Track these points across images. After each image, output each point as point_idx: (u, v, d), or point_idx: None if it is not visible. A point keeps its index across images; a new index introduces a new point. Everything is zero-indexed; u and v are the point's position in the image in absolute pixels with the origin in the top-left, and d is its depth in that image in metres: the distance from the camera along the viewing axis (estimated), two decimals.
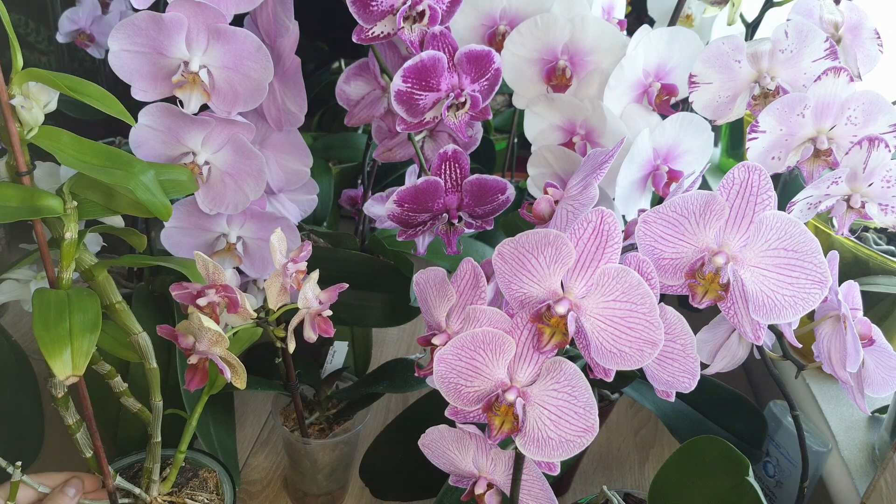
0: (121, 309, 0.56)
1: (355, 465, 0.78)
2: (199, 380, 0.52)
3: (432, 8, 0.60)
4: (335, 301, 0.56)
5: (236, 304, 0.53)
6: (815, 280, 0.44)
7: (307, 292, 0.54)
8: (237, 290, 0.53)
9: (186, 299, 0.52)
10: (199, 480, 0.66)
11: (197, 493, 0.65)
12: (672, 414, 0.74)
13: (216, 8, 0.58)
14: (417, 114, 0.63)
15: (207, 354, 0.51)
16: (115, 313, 0.56)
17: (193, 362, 0.51)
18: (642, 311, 0.43)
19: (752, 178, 0.45)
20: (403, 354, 1.07)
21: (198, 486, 0.66)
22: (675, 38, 0.68)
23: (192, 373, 0.52)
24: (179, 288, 0.53)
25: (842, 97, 0.58)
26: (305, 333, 0.55)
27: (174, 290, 0.53)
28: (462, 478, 0.54)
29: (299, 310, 0.54)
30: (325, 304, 0.55)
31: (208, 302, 0.52)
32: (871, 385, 0.53)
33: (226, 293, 0.52)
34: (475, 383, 0.46)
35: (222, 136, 0.64)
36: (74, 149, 0.48)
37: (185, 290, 0.53)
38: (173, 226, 0.69)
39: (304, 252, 0.55)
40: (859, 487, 0.68)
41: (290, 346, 0.56)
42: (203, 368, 0.52)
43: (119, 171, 0.49)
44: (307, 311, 0.54)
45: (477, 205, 0.65)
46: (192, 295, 0.52)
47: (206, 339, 0.51)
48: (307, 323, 0.55)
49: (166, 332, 0.52)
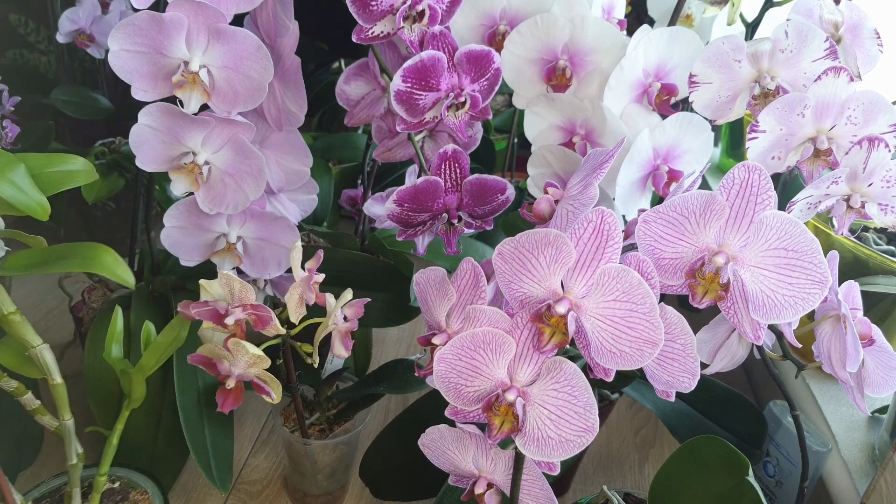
0: (14, 320, 0.49)
1: (355, 465, 0.78)
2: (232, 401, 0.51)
3: (432, 8, 0.60)
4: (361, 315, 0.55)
5: (266, 322, 0.51)
6: (815, 280, 0.44)
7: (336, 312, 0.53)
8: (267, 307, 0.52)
9: (212, 318, 0.50)
10: (126, 501, 0.60)
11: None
12: (672, 414, 0.74)
13: (216, 8, 0.58)
14: (417, 114, 0.63)
15: (245, 377, 0.50)
16: (10, 325, 0.50)
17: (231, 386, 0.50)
18: (642, 310, 0.43)
19: (753, 177, 0.45)
20: (403, 354, 1.07)
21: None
22: (675, 38, 0.68)
23: (225, 395, 0.51)
24: (201, 306, 0.51)
25: (842, 97, 0.58)
26: (336, 351, 0.54)
27: (194, 308, 0.51)
28: (462, 478, 0.54)
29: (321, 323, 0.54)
30: (353, 320, 0.55)
31: (235, 320, 0.51)
32: (871, 385, 0.53)
33: (255, 311, 0.51)
34: (475, 383, 0.46)
35: (222, 136, 0.64)
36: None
37: (207, 307, 0.51)
38: (173, 226, 0.69)
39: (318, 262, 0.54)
40: (859, 487, 0.68)
41: (315, 361, 0.55)
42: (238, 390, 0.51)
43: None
44: (335, 327, 0.54)
45: (477, 205, 0.65)
46: (218, 313, 0.50)
47: (243, 363, 0.50)
48: (337, 340, 0.54)
49: (199, 361, 0.51)
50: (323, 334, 0.54)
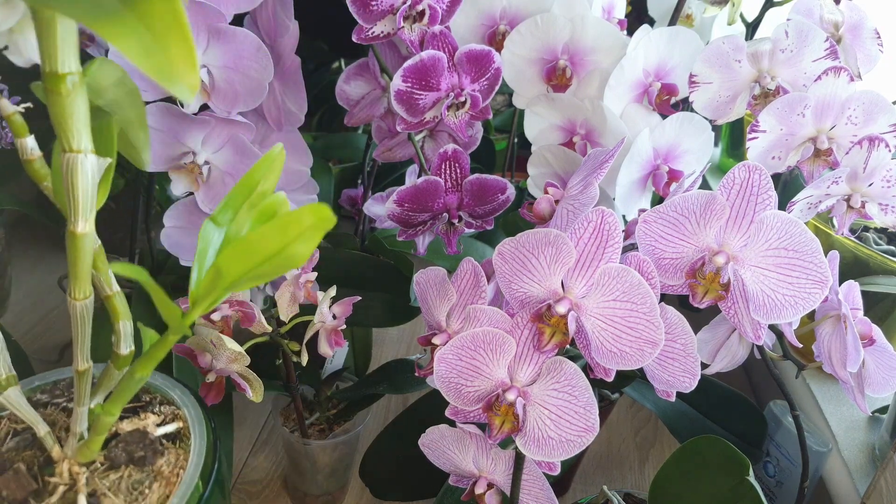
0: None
1: (355, 465, 0.78)
2: (214, 395, 0.52)
3: (432, 7, 0.60)
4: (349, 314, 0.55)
5: (251, 319, 0.52)
6: (815, 280, 0.44)
7: (323, 308, 0.53)
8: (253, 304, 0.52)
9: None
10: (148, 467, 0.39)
11: (135, 465, 0.38)
12: (672, 414, 0.74)
13: (216, 7, 0.58)
14: (417, 113, 0.63)
15: (225, 372, 0.51)
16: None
17: (211, 381, 0.51)
18: (643, 310, 0.43)
19: (753, 177, 0.45)
20: (403, 354, 1.07)
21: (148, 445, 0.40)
22: (675, 37, 0.68)
23: (208, 389, 0.52)
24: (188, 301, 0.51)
25: (842, 97, 0.58)
26: (321, 349, 0.54)
27: (183, 304, 0.51)
28: (462, 478, 0.54)
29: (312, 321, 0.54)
30: (341, 319, 0.55)
31: (222, 316, 0.51)
32: (871, 385, 0.53)
33: (241, 308, 0.52)
34: (475, 383, 0.46)
35: (222, 136, 0.64)
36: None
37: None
38: (173, 226, 0.69)
39: (314, 261, 0.54)
40: (859, 487, 0.68)
41: (303, 359, 0.55)
42: (219, 384, 0.52)
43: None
44: (322, 325, 0.54)
45: (477, 204, 0.65)
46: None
47: (225, 358, 0.50)
48: (323, 338, 0.54)
49: (183, 350, 0.51)
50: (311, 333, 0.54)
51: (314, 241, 0.28)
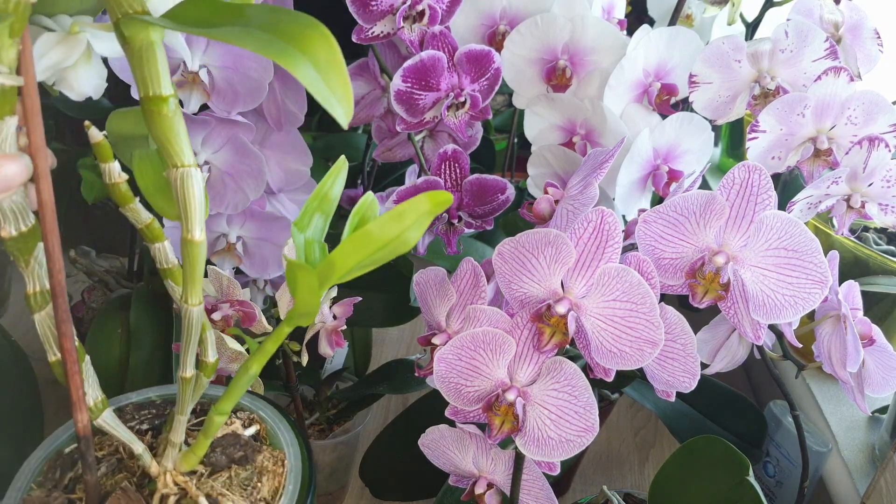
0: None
1: (355, 465, 0.78)
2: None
3: (432, 7, 0.60)
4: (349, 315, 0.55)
5: (252, 318, 0.52)
6: (815, 280, 0.44)
7: (324, 308, 0.53)
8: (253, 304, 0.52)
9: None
10: (251, 465, 0.40)
11: (234, 489, 0.39)
12: (672, 414, 0.74)
13: None
14: (417, 113, 0.63)
15: (226, 372, 0.51)
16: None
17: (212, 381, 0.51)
18: (643, 310, 0.43)
19: (753, 177, 0.45)
20: (403, 354, 1.07)
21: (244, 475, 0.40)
22: (675, 37, 0.68)
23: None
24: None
25: (842, 97, 0.58)
26: (321, 349, 0.54)
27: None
28: (462, 478, 0.54)
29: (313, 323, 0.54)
30: (341, 319, 0.55)
31: (223, 316, 0.51)
32: (871, 385, 0.53)
33: (241, 308, 0.52)
34: (475, 383, 0.46)
35: (222, 136, 0.64)
36: None
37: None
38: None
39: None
40: (859, 487, 0.68)
41: (303, 359, 0.55)
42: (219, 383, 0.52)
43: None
44: (322, 325, 0.54)
45: (477, 204, 0.65)
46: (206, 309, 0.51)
47: (226, 357, 0.50)
48: (323, 338, 0.54)
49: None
50: (311, 333, 0.54)
51: (426, 225, 0.30)
